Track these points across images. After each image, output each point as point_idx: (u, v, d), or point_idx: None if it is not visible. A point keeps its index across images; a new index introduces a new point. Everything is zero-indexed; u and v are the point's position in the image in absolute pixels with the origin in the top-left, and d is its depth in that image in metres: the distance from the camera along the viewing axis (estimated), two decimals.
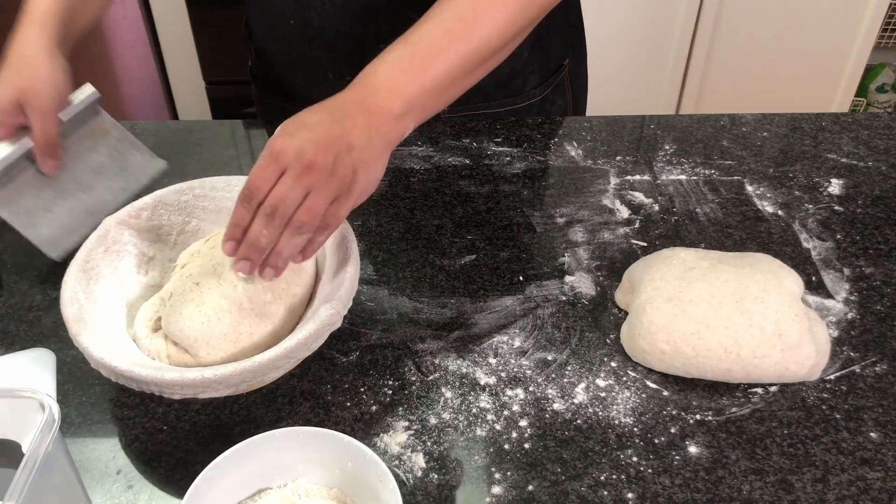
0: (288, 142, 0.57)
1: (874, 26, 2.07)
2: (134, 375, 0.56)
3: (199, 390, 0.57)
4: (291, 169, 0.57)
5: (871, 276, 0.76)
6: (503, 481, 0.59)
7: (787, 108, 2.16)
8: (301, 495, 0.56)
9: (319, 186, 0.58)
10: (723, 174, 0.91)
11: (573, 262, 0.78)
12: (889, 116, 1.01)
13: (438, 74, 0.64)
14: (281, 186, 0.57)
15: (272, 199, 0.58)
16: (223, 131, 1.01)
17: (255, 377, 0.58)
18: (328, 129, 0.59)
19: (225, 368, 0.56)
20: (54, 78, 0.75)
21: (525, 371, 0.67)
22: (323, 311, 0.60)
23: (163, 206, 0.73)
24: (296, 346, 0.58)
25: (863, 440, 0.61)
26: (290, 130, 0.58)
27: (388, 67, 0.63)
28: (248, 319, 0.63)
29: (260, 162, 0.58)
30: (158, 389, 0.57)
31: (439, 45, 0.65)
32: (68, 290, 0.63)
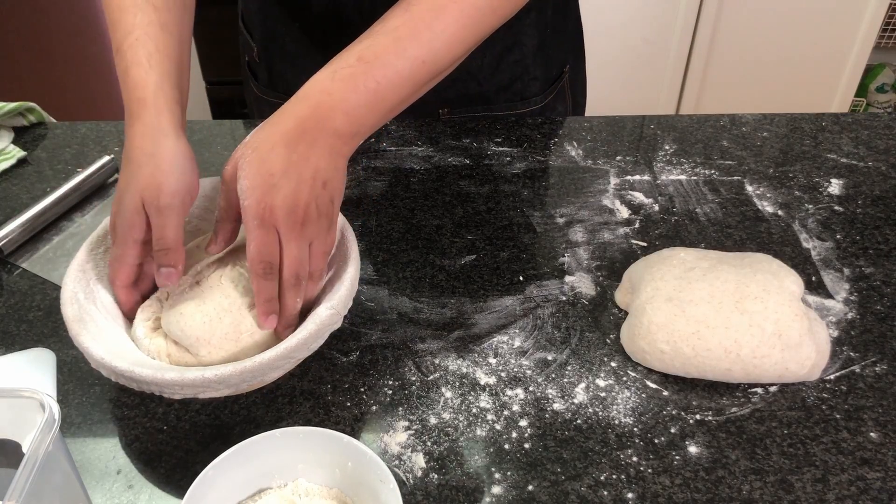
0: (271, 200, 0.57)
1: (874, 26, 2.07)
2: (134, 375, 0.56)
3: (199, 390, 0.57)
4: (288, 231, 0.58)
5: (871, 276, 0.76)
6: (503, 481, 0.59)
7: (787, 108, 2.16)
8: (301, 495, 0.56)
9: (315, 234, 0.60)
10: (723, 174, 0.91)
11: (573, 262, 0.78)
12: (889, 116, 1.01)
13: (389, 93, 0.62)
14: (292, 251, 0.59)
15: (291, 269, 0.59)
16: (223, 131, 1.01)
17: (255, 377, 0.58)
18: (299, 170, 0.58)
19: (225, 368, 0.56)
20: (179, 168, 0.63)
21: (525, 371, 0.67)
22: (323, 311, 0.60)
23: None
24: (296, 346, 0.58)
25: (863, 440, 0.61)
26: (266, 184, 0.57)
27: (342, 87, 0.60)
28: (249, 319, 0.63)
29: (256, 232, 0.57)
30: (159, 389, 0.57)
31: (392, 63, 0.62)
32: (68, 290, 0.63)
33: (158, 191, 0.61)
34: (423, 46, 0.63)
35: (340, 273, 0.65)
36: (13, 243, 0.81)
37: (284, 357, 0.58)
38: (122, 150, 0.65)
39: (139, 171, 0.62)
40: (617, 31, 2.09)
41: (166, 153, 0.62)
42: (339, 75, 0.61)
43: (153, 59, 0.65)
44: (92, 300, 0.64)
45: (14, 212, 0.85)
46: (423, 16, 0.63)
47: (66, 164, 0.95)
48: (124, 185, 0.63)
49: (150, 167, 0.62)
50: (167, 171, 0.62)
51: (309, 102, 0.60)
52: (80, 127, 1.02)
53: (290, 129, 0.59)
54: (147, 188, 0.61)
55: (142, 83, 0.64)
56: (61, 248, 0.82)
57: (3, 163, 0.94)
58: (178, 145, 0.64)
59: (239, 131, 1.02)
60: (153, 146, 0.62)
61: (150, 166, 0.62)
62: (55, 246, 0.83)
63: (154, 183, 0.61)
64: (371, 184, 0.90)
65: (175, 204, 0.61)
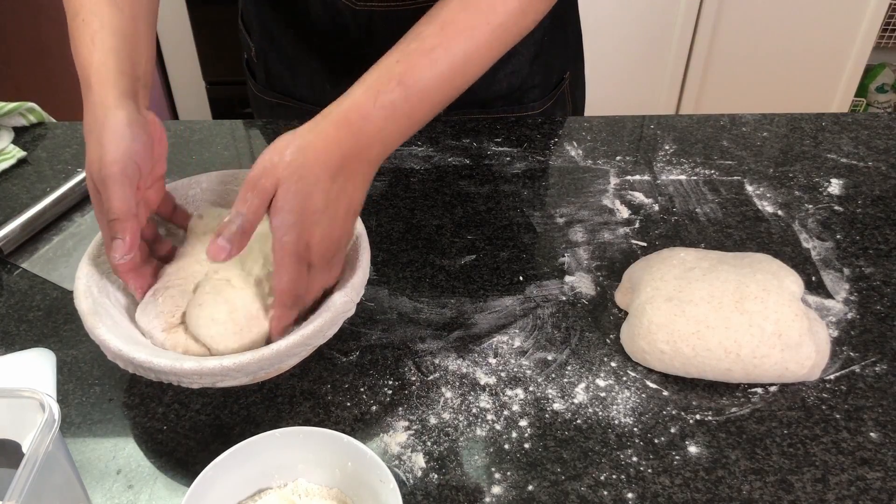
0: (309, 237, 0.58)
1: (874, 26, 2.07)
2: (153, 366, 0.57)
3: (217, 378, 0.57)
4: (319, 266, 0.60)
5: (871, 276, 0.76)
6: (503, 481, 0.59)
7: (787, 108, 2.16)
8: (301, 495, 0.56)
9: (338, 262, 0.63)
10: (723, 174, 0.91)
11: (573, 262, 0.78)
12: (889, 116, 1.01)
13: (421, 117, 0.64)
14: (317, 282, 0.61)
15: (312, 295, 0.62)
16: (223, 131, 1.01)
17: (272, 364, 0.58)
18: (337, 207, 0.59)
19: (243, 357, 0.56)
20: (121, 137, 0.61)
21: (525, 371, 0.67)
22: (338, 299, 0.61)
23: None
24: (312, 334, 0.59)
25: (863, 440, 0.61)
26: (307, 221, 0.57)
27: (384, 114, 0.60)
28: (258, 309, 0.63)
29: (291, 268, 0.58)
30: (177, 379, 0.57)
31: (430, 95, 0.63)
32: (82, 284, 0.63)
33: (99, 164, 0.60)
34: (457, 71, 0.63)
35: (352, 261, 0.65)
36: (13, 243, 0.81)
37: (301, 344, 0.59)
38: None
39: (87, 150, 0.62)
40: (617, 31, 2.09)
41: (106, 126, 0.61)
42: (381, 102, 0.60)
43: (97, 37, 0.64)
44: (105, 294, 0.64)
45: (14, 212, 0.85)
46: (458, 38, 0.63)
47: (66, 164, 0.95)
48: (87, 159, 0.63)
49: (93, 143, 0.62)
50: (106, 143, 0.61)
51: (351, 130, 0.60)
52: (80, 127, 1.02)
53: (334, 161, 0.59)
54: (91, 164, 0.61)
55: (86, 63, 0.64)
56: (61, 248, 0.82)
57: (3, 163, 0.94)
58: (119, 115, 0.62)
59: (239, 131, 1.02)
60: (94, 122, 0.62)
61: (92, 143, 0.62)
62: (55, 246, 0.83)
63: (95, 157, 0.61)
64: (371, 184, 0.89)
65: (114, 173, 0.60)
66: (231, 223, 0.57)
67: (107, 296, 0.65)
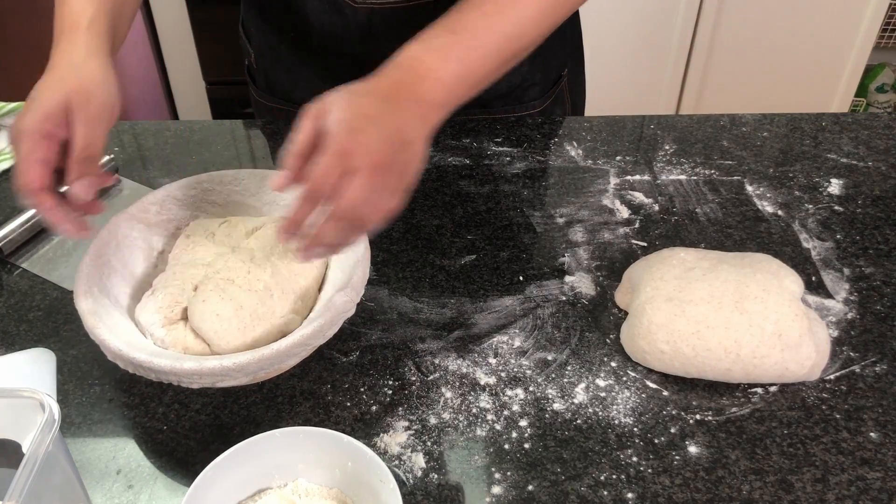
0: (356, 140, 0.55)
1: (874, 26, 2.07)
2: (153, 366, 0.57)
3: (217, 379, 0.57)
4: (361, 171, 0.55)
5: (871, 276, 0.76)
6: (503, 481, 0.59)
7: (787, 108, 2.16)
8: (301, 495, 0.56)
9: (385, 185, 0.57)
10: (723, 174, 0.91)
11: (573, 262, 0.78)
12: (889, 116, 1.01)
13: (478, 65, 0.64)
14: (353, 192, 0.55)
15: (345, 205, 0.55)
16: (223, 131, 1.01)
17: (272, 364, 0.58)
18: (388, 122, 0.57)
19: (243, 356, 0.56)
20: (108, 84, 0.62)
21: (525, 371, 0.67)
22: (337, 299, 0.61)
23: (171, 201, 0.73)
24: (312, 334, 0.59)
25: (863, 440, 0.61)
26: (355, 126, 0.55)
27: (434, 56, 0.62)
28: (266, 310, 0.63)
29: (327, 159, 0.55)
30: (177, 379, 0.57)
31: (481, 36, 0.64)
32: (82, 284, 0.63)
33: (89, 98, 0.59)
34: (508, 22, 0.65)
35: (352, 260, 0.65)
36: (13, 243, 0.81)
37: (301, 344, 0.58)
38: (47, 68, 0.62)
39: (66, 76, 0.60)
40: (617, 31, 2.09)
41: (96, 68, 0.61)
42: (431, 45, 0.62)
43: None
44: (105, 294, 0.64)
45: (14, 212, 0.85)
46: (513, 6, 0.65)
47: None
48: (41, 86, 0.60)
49: (79, 76, 0.60)
50: (97, 83, 0.60)
51: (402, 69, 0.61)
52: None
53: (385, 86, 0.59)
54: (76, 92, 0.59)
55: (79, 11, 0.65)
56: (61, 248, 0.82)
57: (3, 163, 0.94)
58: (107, 67, 0.63)
59: (239, 131, 1.02)
60: (83, 60, 0.62)
61: (78, 75, 0.60)
62: (55, 246, 0.83)
63: (83, 90, 0.59)
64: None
65: (104, 115, 0.60)
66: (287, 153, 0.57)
67: (107, 296, 0.65)
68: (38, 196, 0.58)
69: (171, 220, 0.73)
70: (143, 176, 0.92)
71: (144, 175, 0.93)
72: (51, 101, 0.59)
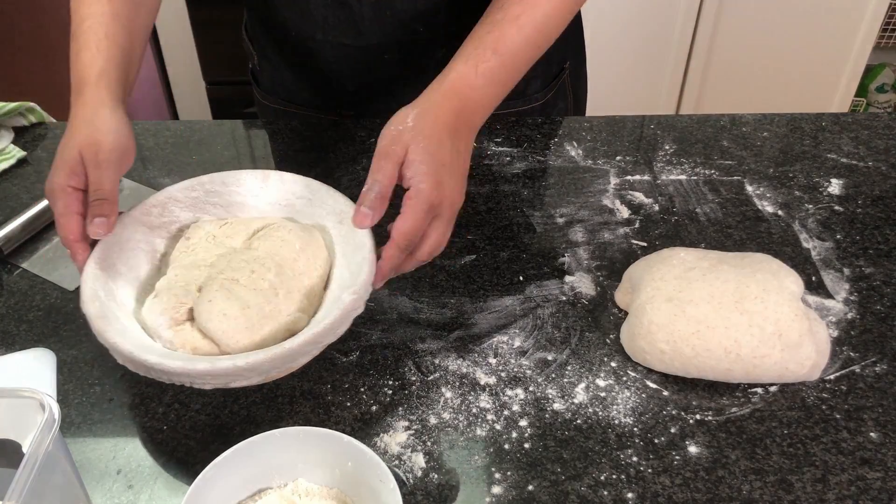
0: (441, 193, 0.61)
1: (874, 26, 2.07)
2: (165, 368, 0.56)
3: (230, 379, 0.57)
4: (445, 220, 0.63)
5: (871, 276, 0.76)
6: (503, 481, 0.59)
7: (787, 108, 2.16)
8: (301, 495, 0.56)
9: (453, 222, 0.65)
10: (723, 174, 0.91)
11: (573, 262, 0.78)
12: (889, 116, 1.01)
13: (512, 84, 0.70)
14: (438, 236, 0.63)
15: (430, 248, 0.63)
16: (223, 131, 1.01)
17: (285, 363, 0.58)
18: (458, 167, 0.64)
19: (255, 356, 0.56)
20: (118, 131, 0.67)
21: (525, 371, 0.67)
22: (346, 297, 0.61)
23: (173, 203, 0.73)
24: (323, 332, 0.59)
25: (863, 440, 0.61)
26: (438, 180, 0.61)
27: (484, 83, 0.67)
28: (272, 309, 0.63)
29: (421, 214, 0.61)
30: (189, 380, 0.57)
31: (520, 58, 0.70)
32: (88, 288, 0.63)
33: (97, 147, 0.65)
34: (540, 33, 0.70)
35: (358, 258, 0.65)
36: (13, 243, 0.81)
37: (312, 342, 0.59)
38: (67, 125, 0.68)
39: (78, 132, 0.66)
40: (617, 31, 2.09)
41: (104, 118, 0.67)
42: (481, 70, 0.67)
43: (101, 44, 0.70)
44: (111, 297, 0.64)
45: (14, 212, 0.85)
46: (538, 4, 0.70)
47: None
48: (62, 145, 0.66)
49: (89, 129, 0.66)
50: (105, 132, 0.66)
51: (459, 97, 0.66)
52: None
53: (450, 123, 0.65)
54: (86, 145, 0.65)
55: (88, 65, 0.70)
56: (61, 248, 0.82)
57: (3, 163, 0.94)
58: (115, 114, 0.68)
59: (239, 131, 1.02)
60: (92, 114, 0.67)
61: (88, 128, 0.66)
62: (55, 246, 0.83)
63: (92, 140, 0.65)
64: None
65: (113, 159, 0.65)
66: (369, 191, 0.61)
67: (113, 299, 0.64)
68: (74, 246, 0.64)
69: (172, 221, 0.73)
70: (143, 176, 0.92)
71: (144, 175, 0.93)
72: (69, 157, 0.65)
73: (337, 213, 0.70)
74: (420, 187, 0.61)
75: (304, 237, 0.68)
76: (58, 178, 0.64)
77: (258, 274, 0.65)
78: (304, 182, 0.73)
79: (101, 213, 0.63)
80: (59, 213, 0.64)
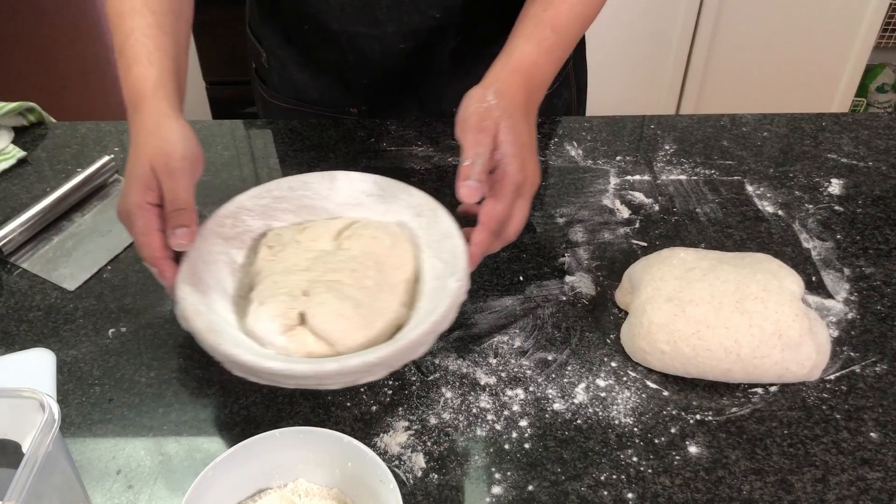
0: (524, 173, 0.63)
1: (874, 26, 2.07)
2: (293, 373, 0.56)
3: (359, 376, 0.57)
4: (526, 198, 0.64)
5: (871, 276, 0.76)
6: (503, 481, 0.59)
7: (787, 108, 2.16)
8: (301, 495, 0.56)
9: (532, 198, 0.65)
10: (723, 174, 0.91)
11: (573, 262, 0.78)
12: (889, 116, 1.01)
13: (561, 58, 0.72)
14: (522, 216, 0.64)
15: (516, 228, 0.64)
16: (223, 131, 1.01)
17: (409, 355, 0.59)
18: (533, 145, 0.65)
19: (384, 350, 0.57)
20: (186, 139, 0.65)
21: (525, 371, 0.67)
22: (452, 284, 0.62)
23: (244, 213, 0.72)
24: (439, 320, 0.60)
25: (863, 440, 0.61)
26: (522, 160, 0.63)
27: (546, 59, 0.69)
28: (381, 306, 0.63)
29: (509, 196, 0.62)
30: (317, 382, 0.57)
31: (573, 35, 0.72)
32: (189, 304, 0.61)
33: (168, 157, 0.63)
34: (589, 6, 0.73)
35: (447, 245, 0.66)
36: (13, 243, 0.81)
37: (431, 332, 0.59)
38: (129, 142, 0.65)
39: (146, 146, 0.64)
40: (617, 31, 2.09)
41: (170, 128, 0.65)
42: (542, 47, 0.69)
43: (153, 56, 0.68)
44: (212, 310, 0.63)
45: (14, 212, 0.85)
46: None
47: (65, 164, 0.95)
48: (131, 164, 0.64)
49: (157, 140, 0.64)
50: (173, 141, 0.64)
51: (526, 76, 0.68)
52: (80, 127, 1.02)
53: (523, 102, 0.66)
54: (156, 156, 0.63)
55: (142, 78, 0.68)
56: (61, 248, 0.82)
57: (3, 163, 0.94)
58: (180, 123, 0.66)
59: (239, 131, 1.02)
60: (156, 126, 0.65)
61: (156, 139, 0.64)
62: (55, 246, 0.83)
63: (162, 151, 0.63)
64: None
65: (185, 167, 0.63)
66: (473, 165, 0.61)
67: (214, 312, 0.63)
68: (161, 264, 0.62)
69: (245, 231, 0.71)
70: None
71: None
72: (141, 173, 0.62)
73: (413, 207, 0.71)
74: (507, 169, 0.62)
75: (393, 232, 0.69)
76: (133, 196, 0.62)
77: (360, 273, 0.65)
78: (373, 179, 0.73)
79: (181, 222, 0.61)
80: (139, 232, 0.62)
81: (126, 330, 0.72)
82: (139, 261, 0.80)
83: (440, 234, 0.67)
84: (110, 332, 0.72)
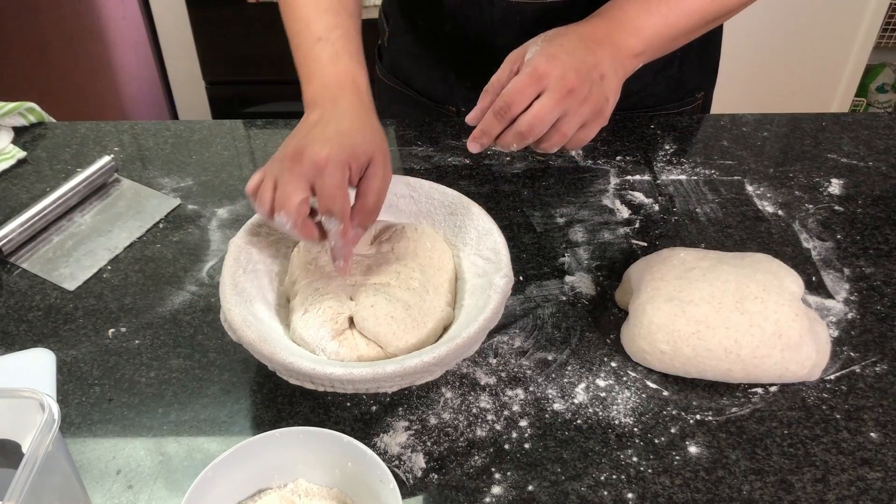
0: (551, 64, 0.60)
1: (874, 26, 2.07)
2: (352, 377, 0.56)
3: (418, 377, 0.58)
4: (552, 91, 0.60)
5: (871, 276, 0.76)
6: (503, 481, 0.59)
7: (787, 108, 2.16)
8: (301, 495, 0.56)
9: (573, 111, 0.62)
10: (723, 174, 0.91)
11: (573, 262, 0.78)
12: (889, 116, 1.01)
13: (678, 20, 0.69)
14: (540, 108, 0.60)
15: (530, 118, 0.60)
16: (223, 131, 1.01)
17: (465, 353, 0.60)
18: (584, 56, 0.62)
19: (441, 349, 0.57)
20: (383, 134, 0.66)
21: (525, 371, 0.67)
22: (498, 280, 0.63)
23: None
24: (490, 317, 0.61)
25: (863, 440, 0.61)
26: (551, 53, 0.60)
27: (637, 6, 0.67)
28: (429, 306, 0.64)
29: (522, 79, 0.59)
30: (376, 386, 0.57)
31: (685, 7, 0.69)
32: (236, 315, 0.61)
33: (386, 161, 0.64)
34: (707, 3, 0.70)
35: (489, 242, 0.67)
36: (13, 243, 0.81)
37: (483, 329, 0.60)
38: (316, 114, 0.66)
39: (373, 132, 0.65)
40: None
41: (375, 124, 0.66)
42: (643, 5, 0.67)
43: (355, 56, 0.70)
44: (259, 319, 0.63)
45: (14, 212, 0.85)
46: None
47: (65, 164, 0.95)
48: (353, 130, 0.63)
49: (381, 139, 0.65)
50: (379, 136, 0.65)
51: (604, 16, 0.67)
52: (79, 127, 1.02)
53: (586, 30, 0.65)
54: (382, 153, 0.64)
55: (352, 72, 0.69)
56: (61, 248, 0.82)
57: (3, 163, 0.94)
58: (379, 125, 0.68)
59: (239, 131, 1.02)
60: (378, 125, 0.67)
61: (380, 138, 0.65)
62: (55, 246, 0.83)
63: (384, 152, 0.64)
64: None
65: (384, 161, 0.64)
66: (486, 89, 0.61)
67: (261, 321, 0.63)
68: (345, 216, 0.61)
69: (279, 239, 0.72)
70: (143, 176, 0.92)
71: (144, 175, 0.93)
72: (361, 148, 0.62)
73: (447, 206, 0.72)
74: (528, 58, 0.61)
75: (430, 233, 0.70)
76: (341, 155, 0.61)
77: (405, 275, 0.66)
78: (404, 181, 0.74)
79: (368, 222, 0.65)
80: (337, 184, 0.60)
81: (126, 330, 0.72)
82: (139, 261, 0.80)
83: (477, 232, 0.68)
84: (110, 332, 0.72)
